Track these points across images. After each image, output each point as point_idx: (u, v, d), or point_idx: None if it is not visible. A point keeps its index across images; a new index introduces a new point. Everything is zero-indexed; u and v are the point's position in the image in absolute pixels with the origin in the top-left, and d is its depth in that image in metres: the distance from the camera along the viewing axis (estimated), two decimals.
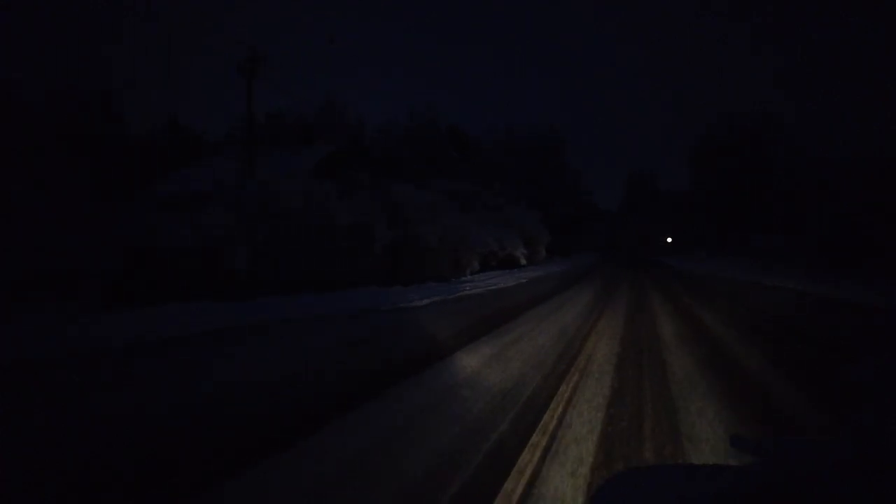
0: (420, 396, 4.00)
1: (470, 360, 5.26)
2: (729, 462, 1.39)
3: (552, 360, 5.53)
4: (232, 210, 8.91)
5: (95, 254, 6.72)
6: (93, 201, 7.53)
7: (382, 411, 3.65)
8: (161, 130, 22.15)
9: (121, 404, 2.94)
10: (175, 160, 16.92)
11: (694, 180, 47.62)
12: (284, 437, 3.03)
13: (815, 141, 40.59)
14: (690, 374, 4.96)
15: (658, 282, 16.12)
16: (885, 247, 16.22)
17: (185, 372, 3.54)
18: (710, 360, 5.60)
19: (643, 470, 1.09)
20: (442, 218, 12.25)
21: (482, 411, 3.72)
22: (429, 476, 2.70)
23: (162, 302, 5.79)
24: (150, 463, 2.65)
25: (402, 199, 11.32)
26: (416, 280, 10.71)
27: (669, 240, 51.25)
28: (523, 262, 18.34)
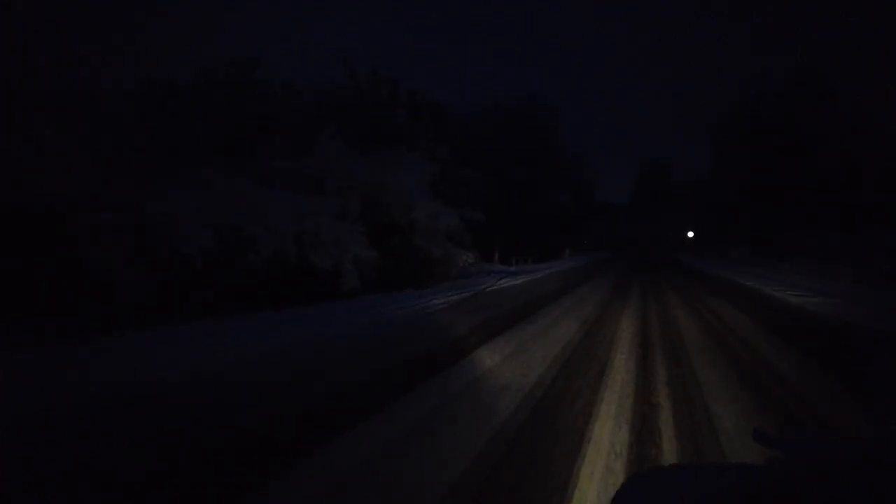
0: None
1: None
2: (753, 459, 1.11)
3: None
4: None
5: None
6: None
7: None
8: None
9: None
10: None
11: (717, 163, 36.65)
12: None
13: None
14: None
15: None
16: None
17: None
18: None
19: (665, 469, 0.99)
20: None
21: None
22: None
23: None
24: None
25: None
26: None
27: (691, 234, 39.46)
28: (351, 285, 7.17)
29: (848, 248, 20.51)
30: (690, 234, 39.41)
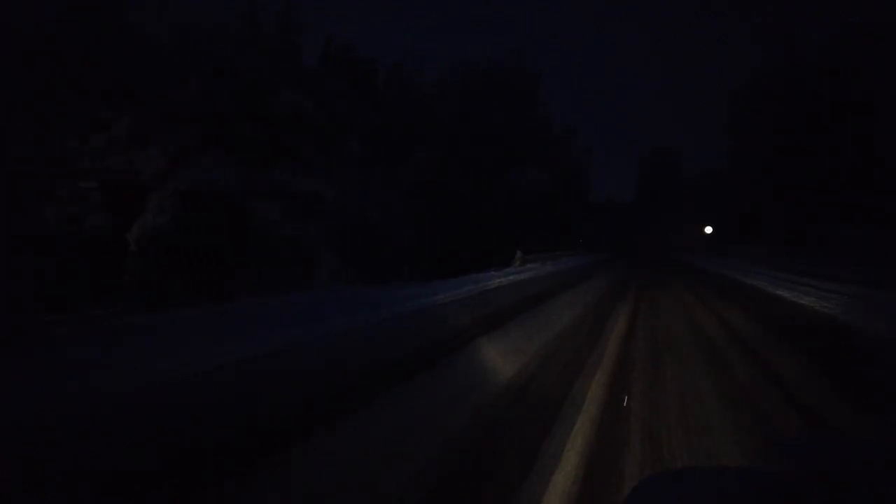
0: None
1: None
2: (763, 462, 1.13)
3: None
4: None
5: None
6: None
7: None
8: None
9: None
10: None
11: (736, 145, 29.32)
12: None
13: None
14: None
15: None
16: None
17: None
18: None
19: (676, 472, 0.99)
20: None
21: None
22: None
23: None
24: None
25: None
26: None
27: (709, 230, 30.85)
28: None
29: None
30: (709, 230, 30.83)
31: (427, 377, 3.47)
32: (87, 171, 6.37)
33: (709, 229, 30.42)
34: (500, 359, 3.90)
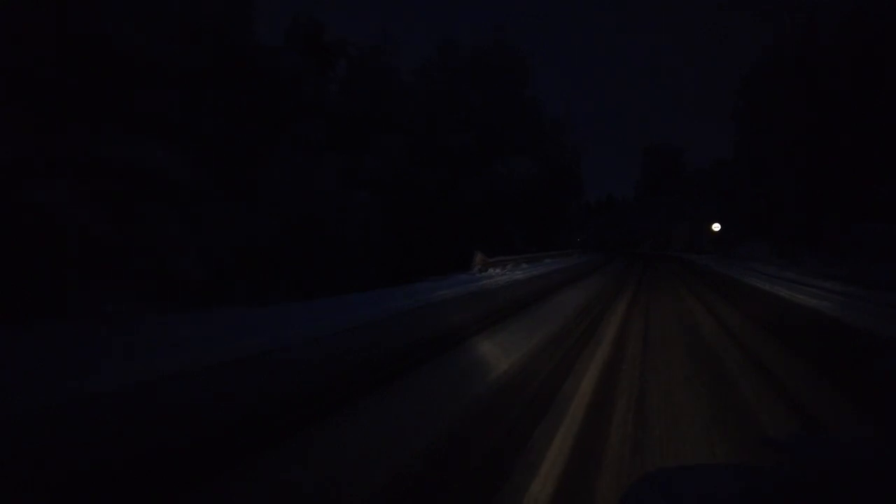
0: None
1: None
2: (759, 461, 0.93)
3: None
4: None
5: None
6: None
7: None
8: None
9: None
10: None
11: (743, 136, 26.77)
12: None
13: None
14: None
15: None
16: None
17: None
18: None
19: (673, 470, 0.94)
20: None
21: None
22: None
23: None
24: None
25: None
26: None
27: (717, 227, 28.15)
28: None
29: None
30: (716, 227, 28.16)
31: None
32: None
33: (716, 226, 27.73)
34: None
